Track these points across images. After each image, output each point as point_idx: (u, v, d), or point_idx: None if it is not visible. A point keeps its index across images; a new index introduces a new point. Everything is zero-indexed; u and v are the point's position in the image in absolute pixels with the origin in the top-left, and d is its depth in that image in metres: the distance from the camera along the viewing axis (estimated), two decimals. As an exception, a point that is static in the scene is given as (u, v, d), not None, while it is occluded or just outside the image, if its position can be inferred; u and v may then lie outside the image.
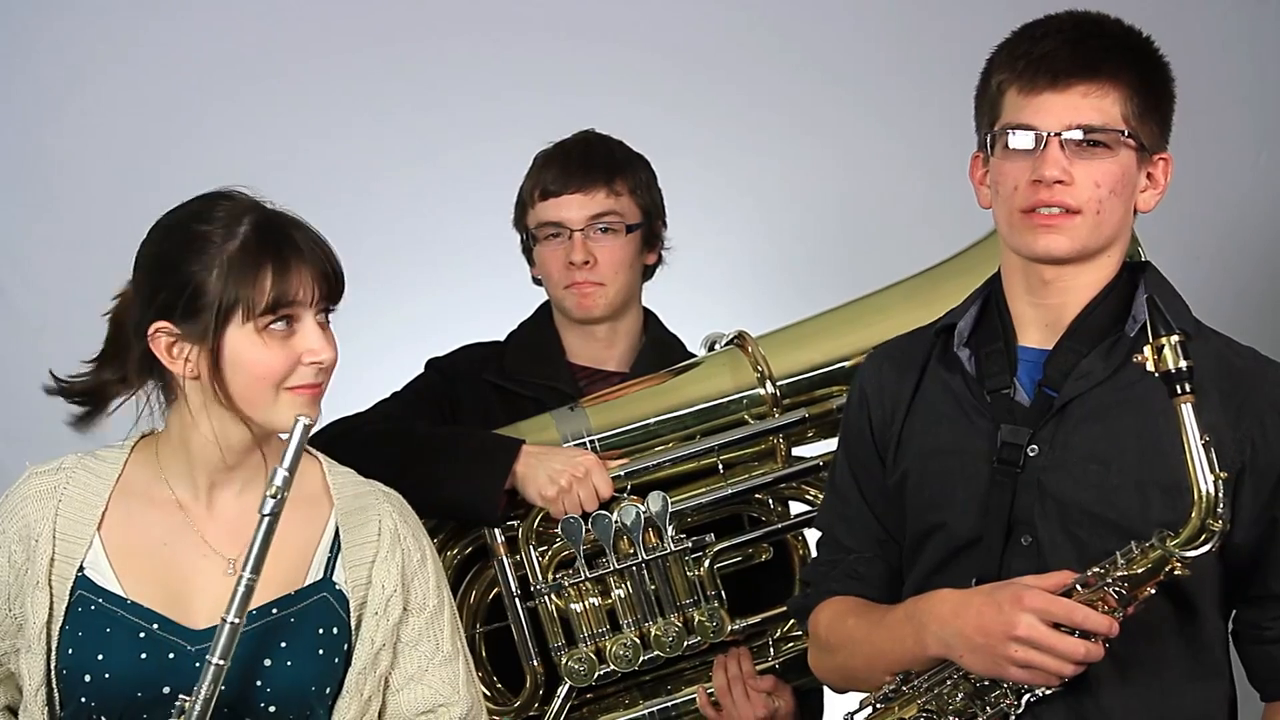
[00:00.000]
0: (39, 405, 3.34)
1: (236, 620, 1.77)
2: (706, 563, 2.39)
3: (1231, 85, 3.39)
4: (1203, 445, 1.71)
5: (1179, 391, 1.71)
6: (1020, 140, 1.87)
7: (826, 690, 2.35)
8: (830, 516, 2.13)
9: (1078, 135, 1.85)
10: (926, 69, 3.38)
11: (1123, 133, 1.87)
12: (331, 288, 1.88)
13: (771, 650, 2.44)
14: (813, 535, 2.40)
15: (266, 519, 1.77)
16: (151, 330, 1.86)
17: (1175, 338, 1.71)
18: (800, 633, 2.42)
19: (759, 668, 2.41)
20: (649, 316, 2.61)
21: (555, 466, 2.32)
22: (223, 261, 1.83)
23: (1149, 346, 1.73)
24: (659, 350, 2.56)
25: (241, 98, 3.44)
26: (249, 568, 1.77)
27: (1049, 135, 1.85)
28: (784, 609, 2.41)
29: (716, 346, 2.52)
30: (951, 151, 2.09)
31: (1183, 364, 1.70)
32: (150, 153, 3.37)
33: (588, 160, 2.50)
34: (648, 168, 2.56)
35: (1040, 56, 1.87)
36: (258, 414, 1.87)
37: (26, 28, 3.41)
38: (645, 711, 2.41)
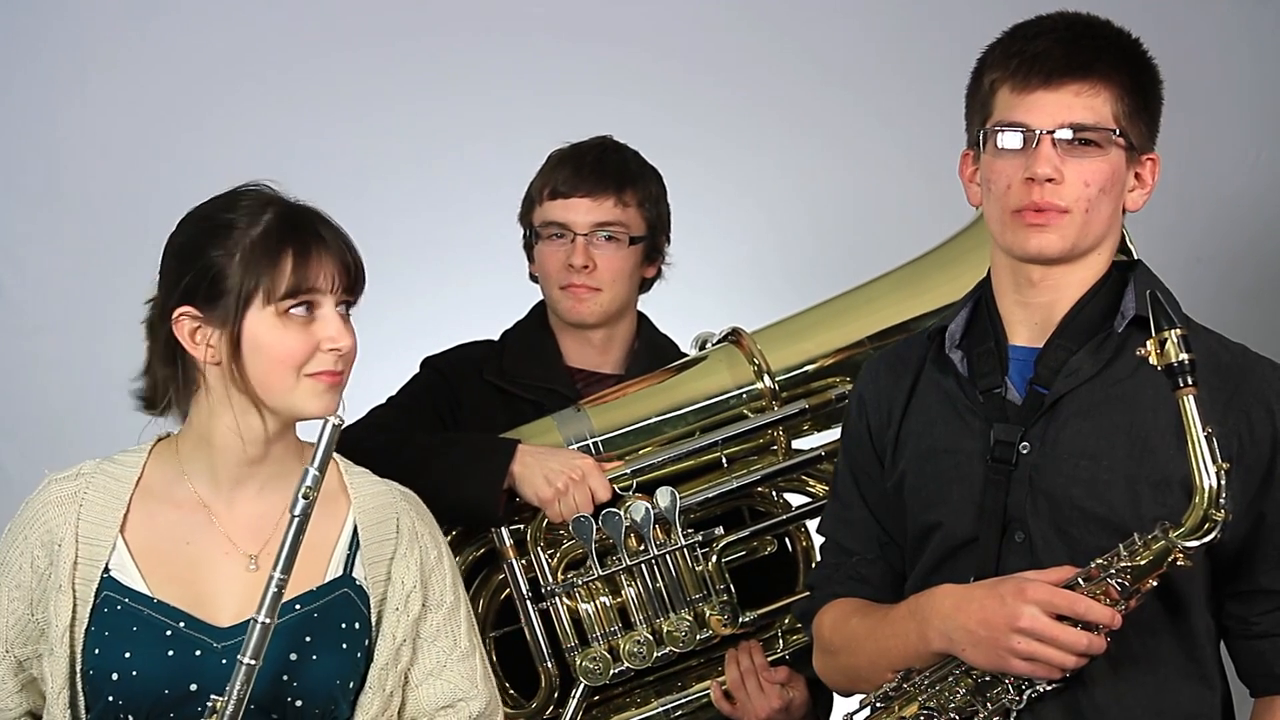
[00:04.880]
0: (39, 405, 3.39)
1: (268, 620, 1.77)
2: (715, 556, 2.38)
3: (1230, 85, 3.39)
4: (1205, 437, 1.73)
5: (1182, 384, 1.73)
6: (1012, 138, 1.89)
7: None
8: (833, 521, 2.14)
9: (1069, 134, 1.87)
10: (925, 69, 3.38)
11: (1114, 132, 1.89)
12: (351, 279, 1.92)
13: (780, 642, 2.45)
14: (815, 526, 2.41)
15: (296, 519, 1.78)
16: (175, 315, 1.90)
17: (1177, 332, 1.73)
18: (807, 623, 2.46)
19: (770, 659, 2.41)
20: (642, 320, 2.61)
21: (553, 467, 2.31)
22: (245, 246, 1.88)
23: (1151, 340, 1.74)
24: (653, 353, 2.56)
25: (242, 97, 3.44)
26: (279, 567, 1.78)
27: (1041, 133, 1.87)
28: (793, 599, 2.42)
29: (708, 345, 2.53)
30: (950, 151, 2.09)
31: (1185, 357, 1.72)
32: (151, 152, 3.38)
33: (601, 167, 2.49)
34: (659, 181, 2.56)
35: (1034, 55, 1.89)
36: (276, 399, 1.90)
37: (27, 27, 3.41)
38: (659, 709, 2.41)
